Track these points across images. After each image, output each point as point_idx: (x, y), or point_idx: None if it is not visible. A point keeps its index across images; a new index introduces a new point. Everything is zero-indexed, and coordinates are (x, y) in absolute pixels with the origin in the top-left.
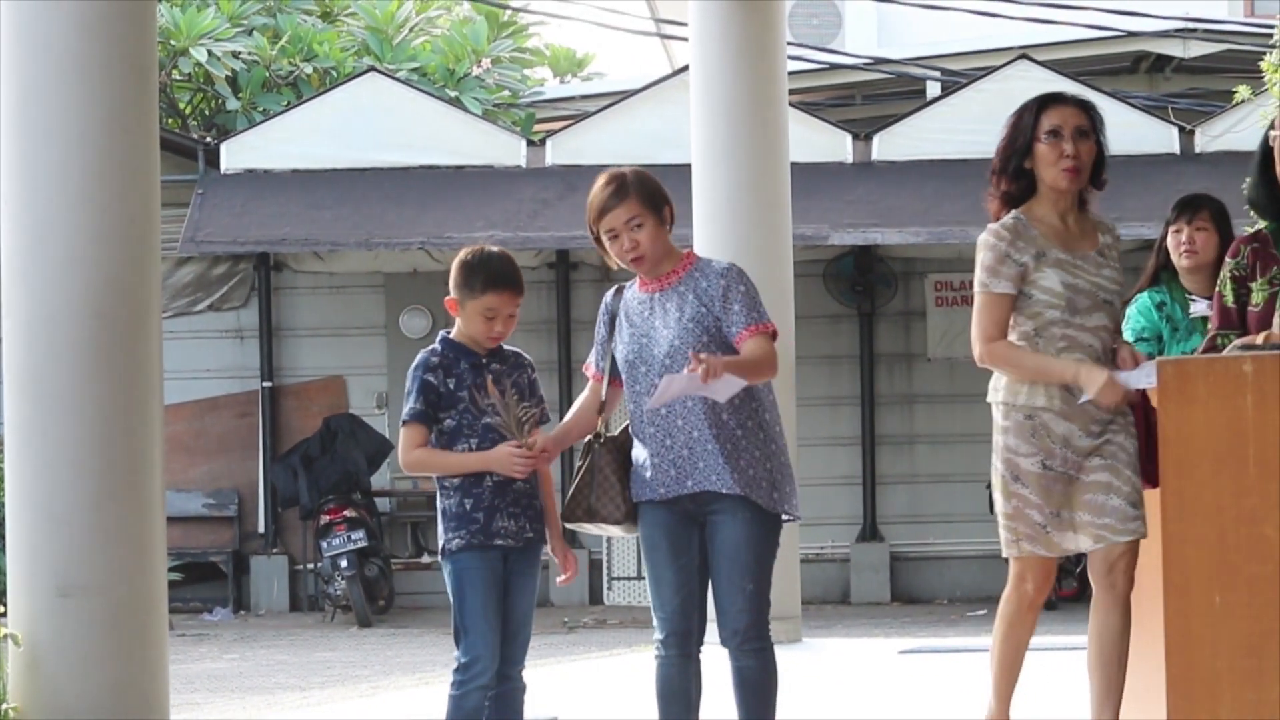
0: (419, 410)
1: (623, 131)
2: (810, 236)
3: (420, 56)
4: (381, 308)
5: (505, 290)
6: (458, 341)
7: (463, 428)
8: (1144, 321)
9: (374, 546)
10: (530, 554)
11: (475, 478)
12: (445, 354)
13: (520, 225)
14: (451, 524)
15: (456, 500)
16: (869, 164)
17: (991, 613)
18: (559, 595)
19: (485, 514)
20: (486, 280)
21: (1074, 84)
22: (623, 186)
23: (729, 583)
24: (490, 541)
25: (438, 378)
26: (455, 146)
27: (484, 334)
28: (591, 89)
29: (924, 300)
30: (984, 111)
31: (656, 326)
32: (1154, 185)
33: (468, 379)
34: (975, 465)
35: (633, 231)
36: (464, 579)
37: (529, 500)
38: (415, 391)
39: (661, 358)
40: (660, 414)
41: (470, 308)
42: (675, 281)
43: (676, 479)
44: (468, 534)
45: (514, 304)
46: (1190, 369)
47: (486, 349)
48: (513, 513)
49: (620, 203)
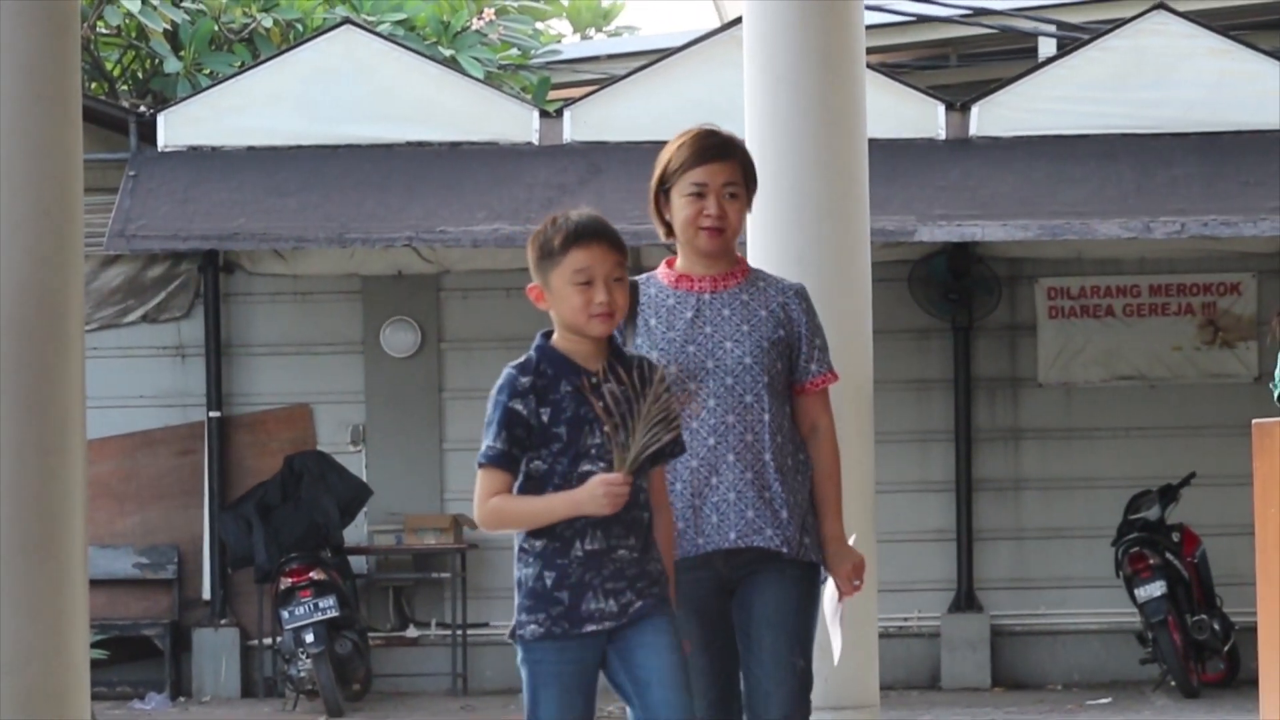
0: (499, 451)
1: (659, 100)
2: (893, 231)
3: (408, 6)
4: (358, 319)
5: (596, 242)
6: (558, 351)
7: (554, 474)
8: None
9: (347, 617)
10: (651, 620)
11: (562, 543)
12: (541, 370)
13: (531, 216)
14: (527, 603)
15: (535, 571)
16: (966, 141)
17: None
18: None
19: (572, 593)
20: (568, 235)
21: (1223, 40)
22: (730, 144)
23: (775, 659)
24: (577, 629)
25: (528, 405)
26: (450, 118)
27: (583, 312)
28: (620, 47)
29: (1034, 311)
30: (1111, 75)
31: (711, 335)
32: None
33: (569, 408)
34: (1097, 517)
35: (725, 199)
36: (538, 679)
37: (640, 569)
38: (496, 423)
39: (723, 375)
40: (708, 445)
41: (557, 281)
42: (734, 286)
43: (718, 528)
44: (547, 618)
45: (614, 261)
46: None
47: (599, 355)
48: (613, 590)
49: (724, 160)
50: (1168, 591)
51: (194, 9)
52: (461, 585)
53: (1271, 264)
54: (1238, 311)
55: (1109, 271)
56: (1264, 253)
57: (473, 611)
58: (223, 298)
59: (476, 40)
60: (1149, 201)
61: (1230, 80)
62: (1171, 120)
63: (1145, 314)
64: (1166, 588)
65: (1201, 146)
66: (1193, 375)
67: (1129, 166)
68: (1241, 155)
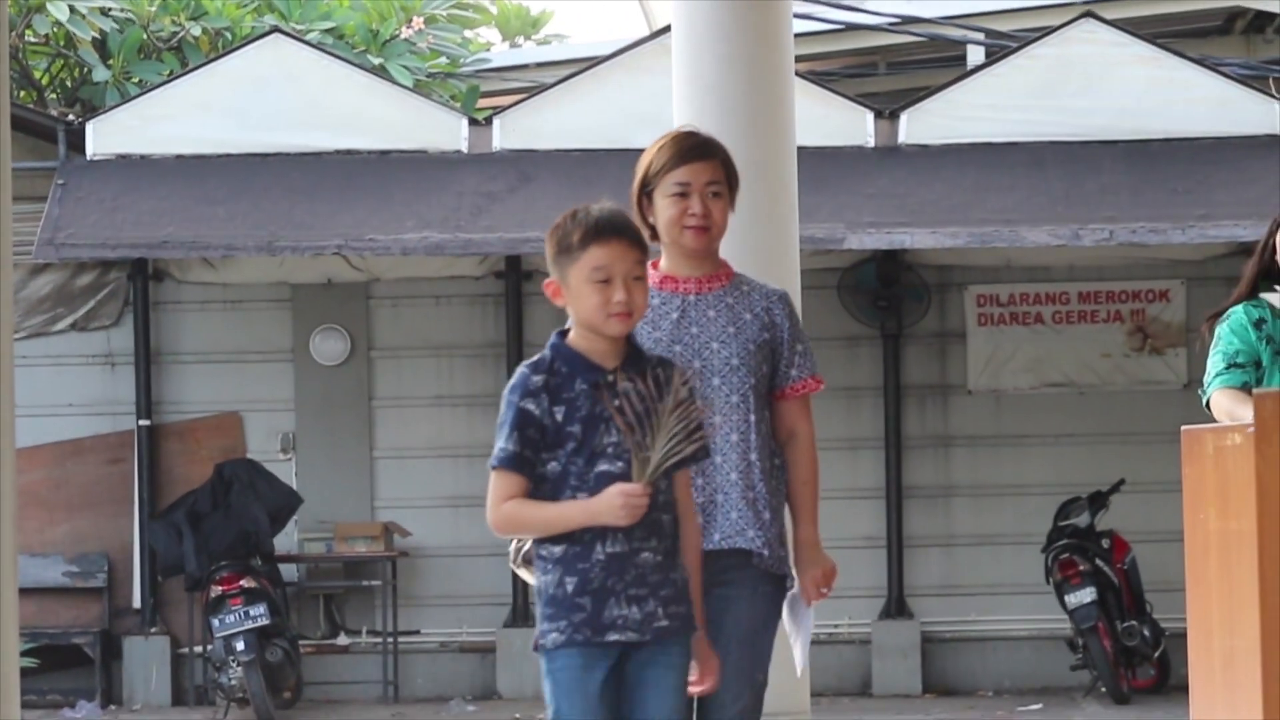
0: (512, 453)
1: (589, 108)
2: (822, 239)
3: (336, 14)
4: (287, 328)
5: (615, 239)
6: (573, 349)
7: (570, 475)
8: (1238, 343)
9: (278, 624)
10: (668, 648)
11: (583, 547)
12: (555, 368)
13: (460, 224)
14: (548, 610)
15: (555, 578)
16: (895, 148)
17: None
18: (507, 686)
19: (595, 599)
20: (588, 231)
21: (1151, 48)
22: (710, 143)
23: (738, 675)
24: (600, 637)
25: (540, 405)
26: (380, 127)
27: (601, 311)
28: (549, 55)
29: (963, 318)
30: (1039, 83)
31: (697, 336)
32: (1251, 174)
33: (583, 406)
34: (1027, 524)
35: (709, 198)
36: (559, 689)
37: (663, 576)
38: (508, 424)
39: (710, 376)
40: None
41: (575, 278)
42: (719, 288)
43: (702, 529)
44: (569, 626)
45: (633, 259)
46: None
47: (616, 354)
48: (635, 596)
49: (706, 159)
50: (1098, 598)
51: (122, 18)
52: (392, 593)
53: (1200, 271)
54: (1167, 318)
55: (1038, 279)
56: (1193, 260)
57: (403, 619)
58: (152, 306)
59: (405, 49)
60: (1078, 209)
61: (1159, 88)
62: (1100, 128)
63: (1074, 321)
64: (1097, 594)
65: (1130, 154)
66: (1122, 382)
67: (1058, 174)
68: (1170, 163)
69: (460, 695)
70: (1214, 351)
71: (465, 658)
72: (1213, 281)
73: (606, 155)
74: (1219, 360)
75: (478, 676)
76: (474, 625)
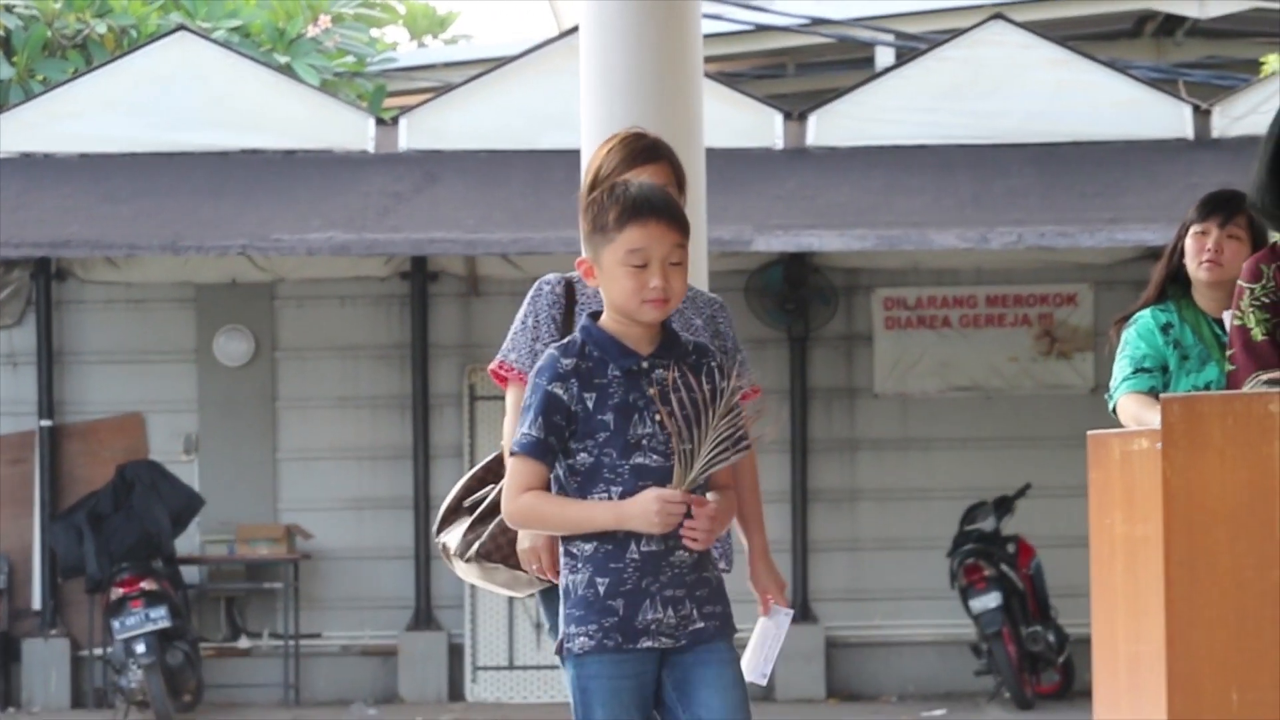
0: (535, 439)
1: (496, 108)
2: (729, 241)
3: (243, 13)
4: (191, 328)
5: (654, 220)
6: (606, 333)
7: (603, 468)
8: (1145, 347)
9: (179, 627)
10: (714, 646)
11: (616, 545)
12: (586, 353)
13: (366, 224)
14: (575, 611)
15: (585, 577)
16: (803, 150)
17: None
18: (409, 689)
19: (627, 601)
20: (625, 209)
21: (1060, 50)
22: (659, 145)
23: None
24: (633, 643)
25: (570, 390)
26: (285, 126)
27: (635, 296)
28: (456, 55)
29: (871, 321)
30: (948, 85)
31: None
32: (1160, 178)
33: (616, 394)
34: (932, 528)
35: None
36: (590, 697)
37: (699, 575)
38: (534, 409)
39: None
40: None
41: (609, 259)
42: None
43: None
44: (599, 630)
45: (672, 242)
46: (1202, 408)
47: (651, 340)
48: (671, 598)
49: (657, 161)
50: (1003, 603)
51: (27, 15)
52: (294, 595)
53: (1108, 275)
54: (1074, 322)
55: (946, 282)
56: (1100, 264)
57: (305, 622)
58: (55, 305)
59: (312, 47)
60: (986, 212)
61: (1068, 90)
62: (1009, 130)
63: (982, 324)
64: (1002, 599)
65: (1039, 157)
66: (1029, 386)
67: (966, 177)
68: (1079, 166)
69: (361, 698)
70: (1121, 356)
71: (367, 661)
72: (1121, 285)
73: (513, 155)
74: (1126, 365)
75: (379, 680)
76: (376, 628)
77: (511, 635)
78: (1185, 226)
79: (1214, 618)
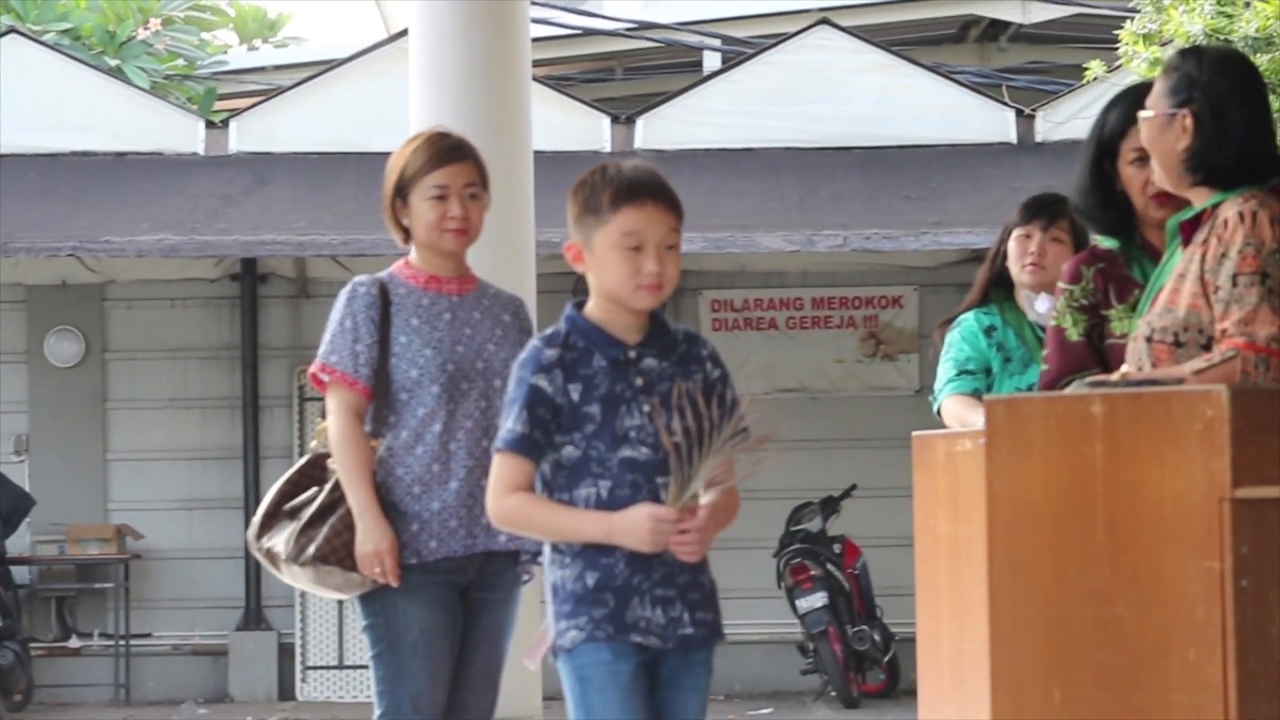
0: (520, 435)
1: (326, 111)
2: (557, 244)
3: (73, 15)
4: (21, 329)
5: (650, 202)
6: (592, 322)
7: (590, 462)
8: (969, 350)
9: (9, 627)
10: (693, 663)
11: None
12: (570, 342)
13: (196, 227)
14: (565, 607)
15: (574, 572)
16: (631, 153)
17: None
18: (239, 689)
19: (617, 596)
20: (619, 191)
21: (886, 55)
22: (464, 145)
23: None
24: (624, 636)
25: (554, 381)
26: (116, 128)
27: (629, 282)
28: (287, 58)
29: (697, 323)
30: (775, 89)
31: (471, 337)
32: (984, 182)
33: (603, 385)
34: (758, 528)
35: (467, 200)
36: (588, 685)
37: (692, 577)
38: (518, 403)
39: (492, 377)
40: (481, 446)
41: (601, 243)
42: (474, 290)
43: (488, 530)
44: (589, 621)
45: (668, 226)
46: (1025, 410)
47: (639, 329)
48: (662, 598)
49: (462, 161)
50: (829, 602)
51: None
52: (124, 595)
53: (933, 278)
54: (899, 325)
55: (772, 284)
56: (926, 266)
57: (135, 622)
58: None
59: (142, 50)
60: (812, 215)
61: (893, 95)
62: (835, 134)
63: (808, 327)
64: (828, 599)
65: (864, 161)
66: (855, 388)
67: (793, 180)
68: (904, 170)
69: (192, 698)
70: (945, 358)
71: (197, 660)
72: (945, 288)
73: (343, 158)
74: (950, 367)
75: (210, 679)
76: (206, 628)
77: (342, 635)
78: (1008, 230)
79: (1036, 617)
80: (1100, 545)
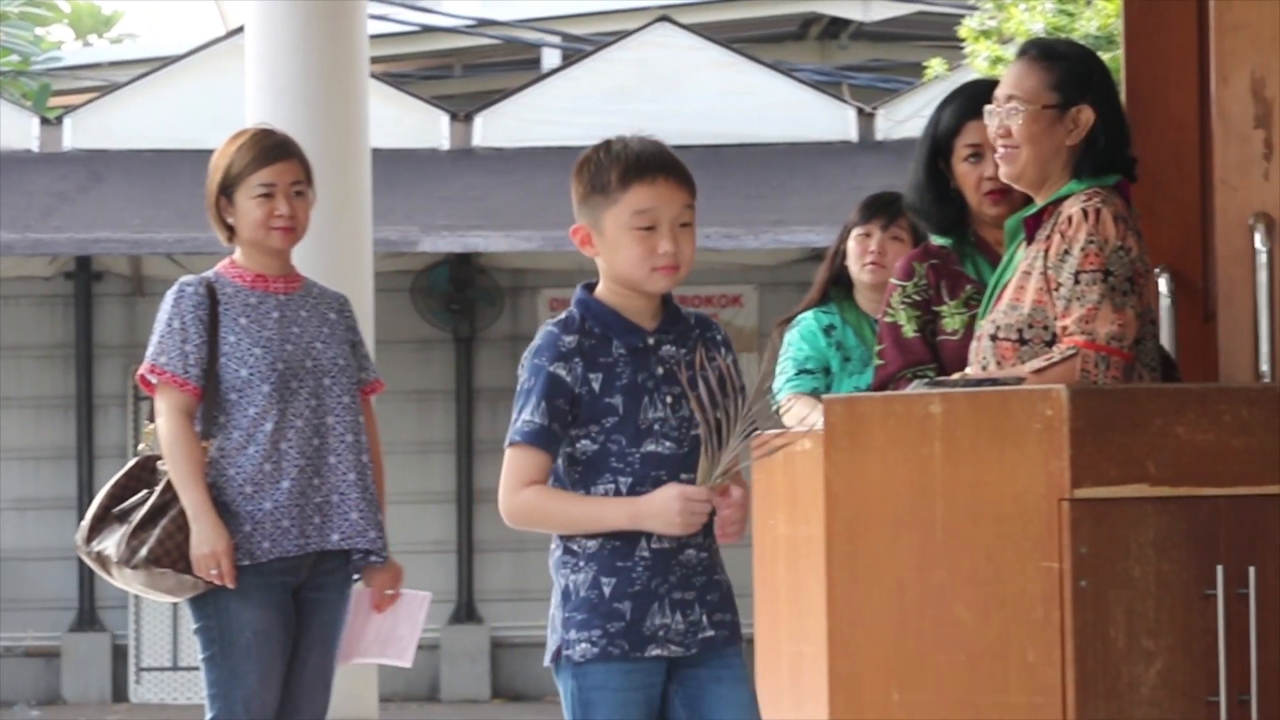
0: (539, 426)
1: (162, 107)
2: (395, 241)
3: None
4: None
5: (662, 178)
6: (606, 305)
7: (609, 456)
8: (808, 349)
9: None
10: (729, 654)
11: (624, 542)
12: (587, 328)
13: (30, 224)
14: (577, 615)
15: (588, 577)
16: (469, 151)
17: None
18: (72, 690)
19: (635, 604)
20: (629, 167)
21: (726, 52)
22: (289, 142)
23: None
24: (640, 652)
25: (574, 371)
26: None
27: (644, 263)
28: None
29: (536, 322)
30: (615, 87)
31: (300, 335)
32: (825, 180)
33: (624, 374)
34: None
35: (293, 198)
36: (592, 710)
37: (709, 577)
38: (536, 393)
39: (321, 376)
40: (313, 445)
41: (611, 224)
42: (299, 288)
43: (320, 529)
44: (603, 635)
45: (682, 203)
46: (864, 409)
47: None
48: (680, 601)
49: (288, 159)
50: None
51: None
52: None
53: (773, 276)
54: (739, 323)
55: None
56: (766, 265)
57: None
58: None
59: None
60: None
61: (734, 92)
62: (675, 132)
63: None
64: None
65: (705, 159)
66: None
67: None
68: (744, 168)
69: (24, 700)
70: (784, 357)
71: (30, 662)
72: (785, 287)
73: (179, 155)
74: (789, 366)
75: (42, 681)
76: (39, 629)
77: (176, 636)
78: (848, 229)
79: (875, 618)
80: (939, 545)
